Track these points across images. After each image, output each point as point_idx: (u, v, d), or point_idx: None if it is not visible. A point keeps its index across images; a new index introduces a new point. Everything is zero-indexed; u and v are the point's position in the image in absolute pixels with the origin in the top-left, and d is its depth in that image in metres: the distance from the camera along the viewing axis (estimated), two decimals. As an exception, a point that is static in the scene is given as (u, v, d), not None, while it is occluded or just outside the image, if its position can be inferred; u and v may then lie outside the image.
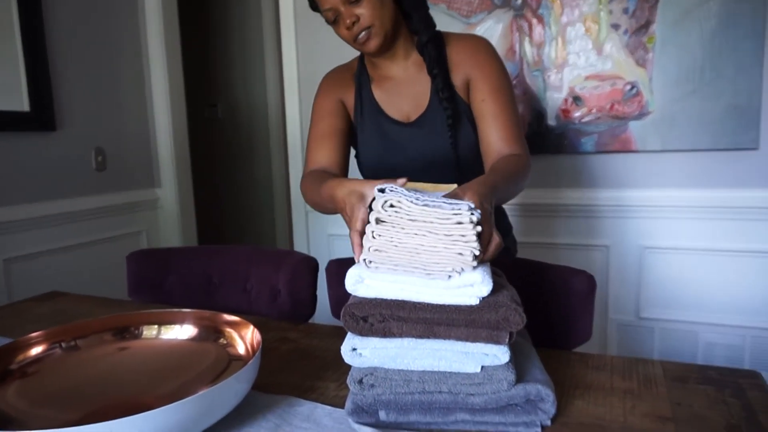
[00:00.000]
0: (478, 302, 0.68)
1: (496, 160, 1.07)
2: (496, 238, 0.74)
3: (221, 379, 0.72)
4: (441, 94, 1.12)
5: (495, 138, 1.10)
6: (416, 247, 0.69)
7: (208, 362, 0.84)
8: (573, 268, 1.09)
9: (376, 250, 0.70)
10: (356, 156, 1.27)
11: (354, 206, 0.83)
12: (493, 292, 0.70)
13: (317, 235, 2.44)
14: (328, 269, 1.27)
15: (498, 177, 0.91)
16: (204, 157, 3.81)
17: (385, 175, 1.17)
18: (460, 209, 0.68)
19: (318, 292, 1.30)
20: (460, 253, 0.68)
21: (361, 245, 0.75)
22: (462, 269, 0.68)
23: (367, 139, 1.21)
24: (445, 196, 0.73)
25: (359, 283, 0.71)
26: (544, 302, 1.08)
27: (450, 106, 1.12)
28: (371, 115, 1.21)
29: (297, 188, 2.44)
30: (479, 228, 0.68)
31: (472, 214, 0.68)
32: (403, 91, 1.19)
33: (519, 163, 1.04)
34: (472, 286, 0.68)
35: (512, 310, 0.67)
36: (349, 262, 1.10)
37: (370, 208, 0.77)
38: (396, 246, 0.69)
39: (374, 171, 1.22)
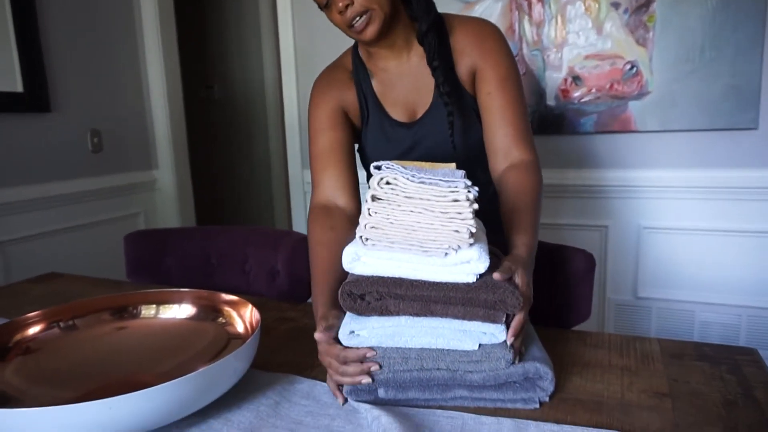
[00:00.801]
0: (474, 280, 0.68)
1: (507, 171, 0.99)
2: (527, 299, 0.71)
3: (220, 358, 0.72)
4: (442, 89, 1.03)
5: (501, 135, 1.01)
6: (412, 224, 0.69)
7: (207, 341, 0.85)
8: (572, 247, 1.09)
9: (373, 227, 0.69)
10: (359, 150, 1.18)
11: (329, 354, 0.75)
12: (491, 270, 0.70)
13: (315, 217, 2.43)
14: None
15: (532, 230, 0.86)
16: (201, 139, 3.79)
17: None
18: (456, 186, 0.68)
19: (316, 272, 1.30)
20: (457, 231, 0.67)
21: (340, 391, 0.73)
22: (458, 246, 0.68)
23: (371, 141, 1.13)
24: (503, 264, 0.72)
25: (356, 260, 0.71)
26: (544, 281, 1.08)
27: (451, 101, 1.03)
28: (375, 117, 1.12)
29: (295, 167, 2.43)
30: (476, 206, 0.68)
31: (468, 191, 0.68)
32: (406, 85, 1.09)
33: (534, 185, 0.95)
34: (469, 263, 0.68)
35: (509, 292, 0.67)
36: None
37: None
38: (392, 223, 0.69)
39: None
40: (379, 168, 0.71)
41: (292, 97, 2.37)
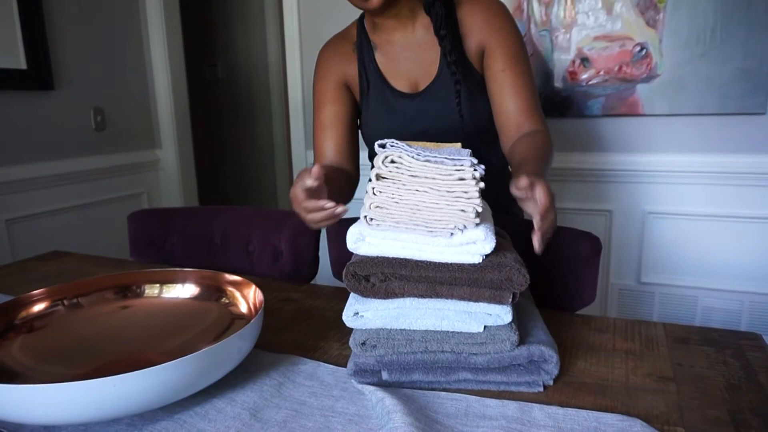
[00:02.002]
0: (480, 260, 0.68)
1: (519, 138, 1.01)
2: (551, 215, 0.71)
3: (224, 337, 0.72)
4: (449, 57, 1.04)
5: (514, 110, 1.03)
6: (418, 203, 0.68)
7: (211, 321, 0.85)
8: (578, 230, 1.08)
9: (377, 206, 0.69)
10: (360, 128, 1.20)
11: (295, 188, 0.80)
12: (497, 251, 0.69)
13: (319, 198, 2.43)
14: (328, 229, 1.26)
15: (541, 167, 0.87)
16: (204, 118, 3.77)
17: None
18: (462, 165, 0.67)
19: (320, 253, 1.30)
20: (462, 210, 0.67)
21: (298, 200, 0.78)
22: (464, 226, 0.67)
23: (372, 114, 1.14)
24: (527, 179, 0.70)
25: (360, 241, 0.71)
26: (549, 264, 1.07)
27: (458, 70, 1.04)
28: (376, 89, 1.13)
29: (299, 147, 2.42)
30: (482, 184, 0.67)
31: (474, 169, 0.67)
32: (410, 57, 1.10)
33: (546, 144, 0.97)
34: (475, 244, 0.67)
35: (515, 270, 0.67)
36: (349, 222, 1.09)
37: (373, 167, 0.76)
38: (397, 203, 0.69)
39: None
40: (383, 146, 0.71)
41: (295, 77, 2.35)
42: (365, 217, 0.70)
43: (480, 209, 0.67)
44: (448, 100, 1.07)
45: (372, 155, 1.22)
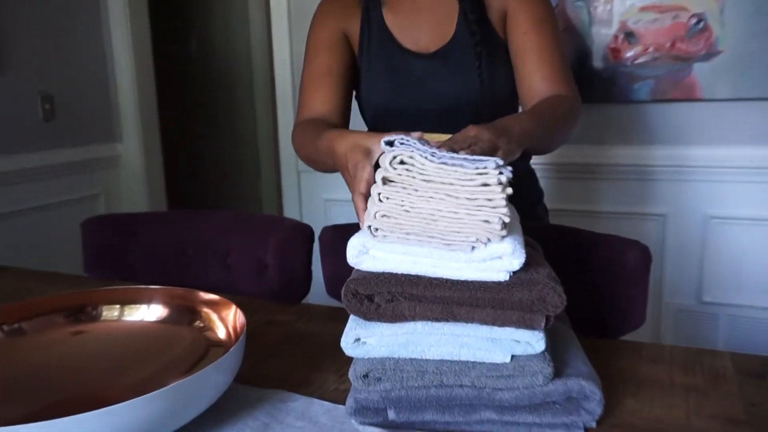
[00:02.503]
0: (507, 278, 0.68)
1: (536, 103, 1.05)
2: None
3: (198, 369, 0.72)
4: (469, 16, 1.09)
5: (538, 78, 1.07)
6: (432, 212, 0.68)
7: (182, 349, 0.84)
8: (623, 237, 1.08)
9: (384, 215, 0.69)
10: (357, 98, 1.24)
11: (358, 164, 0.82)
12: (527, 266, 0.69)
13: (311, 200, 2.44)
14: (322, 238, 1.26)
15: (535, 117, 0.89)
16: (175, 107, 3.79)
17: (394, 121, 1.16)
18: (486, 168, 0.67)
19: (313, 267, 1.30)
20: (486, 221, 0.67)
21: (364, 213, 0.76)
22: (488, 239, 0.67)
23: (374, 76, 1.18)
24: (455, 135, 0.74)
25: (363, 254, 0.71)
26: (588, 279, 1.07)
27: (479, 30, 1.09)
28: (380, 45, 1.17)
29: (287, 143, 2.43)
30: (509, 190, 0.67)
31: (500, 173, 0.67)
32: (423, 16, 1.15)
33: (565, 105, 1.02)
34: (501, 259, 0.67)
35: (550, 289, 0.67)
36: (348, 229, 1.09)
37: (378, 166, 0.76)
38: (408, 211, 0.69)
39: (381, 116, 1.20)
40: (391, 144, 0.70)
41: (284, 57, 2.36)
42: (369, 227, 0.69)
43: (507, 219, 0.66)
44: (464, 63, 1.11)
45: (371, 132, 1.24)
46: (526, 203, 1.02)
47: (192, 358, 0.82)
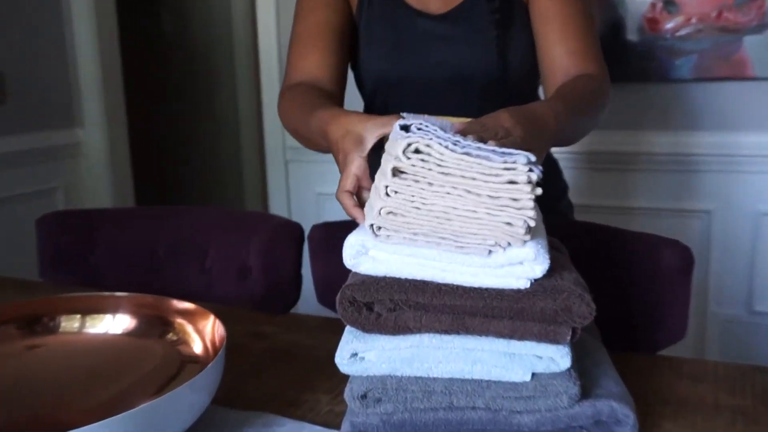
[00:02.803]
0: (528, 285, 0.68)
1: (564, 83, 1.05)
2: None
3: (170, 389, 0.72)
4: None
5: (562, 51, 1.07)
6: (446, 210, 0.67)
7: (152, 365, 0.84)
8: (662, 237, 1.08)
9: (391, 212, 0.68)
10: (354, 68, 1.24)
11: (347, 155, 0.82)
12: (550, 271, 0.69)
13: (301, 193, 2.44)
14: (312, 237, 1.26)
15: (569, 107, 0.89)
16: (144, 87, 3.79)
17: (396, 93, 1.16)
18: (515, 162, 0.66)
19: (303, 271, 1.30)
20: (509, 223, 0.66)
21: (357, 208, 0.79)
22: (508, 244, 0.67)
23: (373, 36, 1.18)
24: (484, 119, 0.72)
25: (362, 255, 0.71)
26: (621, 286, 1.07)
27: None
28: (382, 2, 1.17)
29: (273, 128, 2.43)
30: (539, 190, 0.66)
31: (530, 170, 0.66)
32: None
33: (593, 86, 1.01)
34: (522, 265, 0.67)
35: (577, 297, 0.67)
36: (343, 227, 1.09)
37: (376, 155, 0.76)
38: (418, 208, 0.68)
39: (380, 87, 1.21)
40: (407, 129, 0.70)
41: (269, 32, 2.36)
42: (372, 226, 0.69)
43: (533, 223, 0.66)
44: (479, 27, 1.11)
45: (370, 109, 1.26)
46: (548, 198, 1.01)
47: (163, 376, 0.82)
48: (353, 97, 1.24)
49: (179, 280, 1.39)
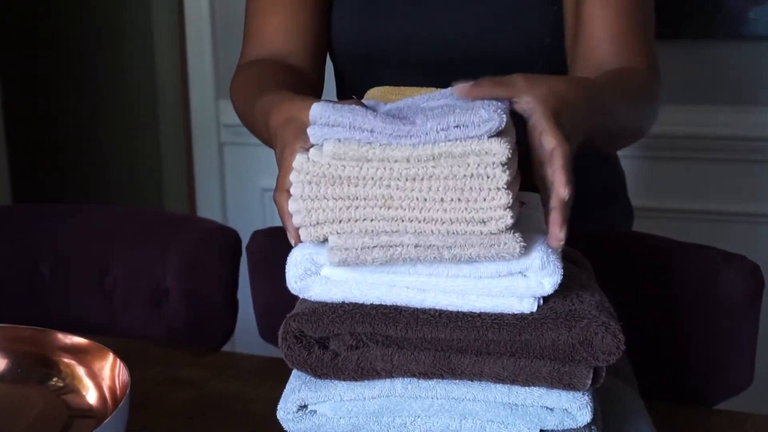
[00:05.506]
0: (535, 308, 0.68)
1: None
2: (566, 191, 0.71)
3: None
4: None
5: (599, 34, 1.04)
6: (395, 223, 0.67)
7: (29, 420, 0.85)
8: (722, 251, 1.09)
9: (317, 223, 0.68)
10: (330, 38, 1.21)
11: (285, 147, 0.82)
12: (565, 290, 0.70)
13: (241, 188, 2.43)
14: (251, 247, 1.27)
15: (605, 87, 0.90)
16: (27, 45, 3.77)
17: (373, 72, 1.15)
18: (468, 129, 0.65)
19: (240, 294, 1.30)
20: (483, 222, 0.66)
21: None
22: (500, 258, 0.66)
23: None
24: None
25: (313, 274, 0.71)
26: (664, 314, 1.08)
27: None
28: None
29: (202, 96, 2.43)
30: (510, 171, 0.65)
31: (503, 143, 0.65)
32: None
33: (638, 82, 1.00)
34: (525, 276, 0.67)
35: (600, 326, 0.67)
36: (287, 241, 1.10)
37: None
38: (371, 220, 0.68)
39: (352, 64, 1.21)
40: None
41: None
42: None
43: (511, 220, 0.65)
44: (488, 5, 1.11)
45: (342, 89, 1.26)
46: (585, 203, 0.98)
47: (45, 435, 0.82)
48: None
49: (70, 305, 1.38)
